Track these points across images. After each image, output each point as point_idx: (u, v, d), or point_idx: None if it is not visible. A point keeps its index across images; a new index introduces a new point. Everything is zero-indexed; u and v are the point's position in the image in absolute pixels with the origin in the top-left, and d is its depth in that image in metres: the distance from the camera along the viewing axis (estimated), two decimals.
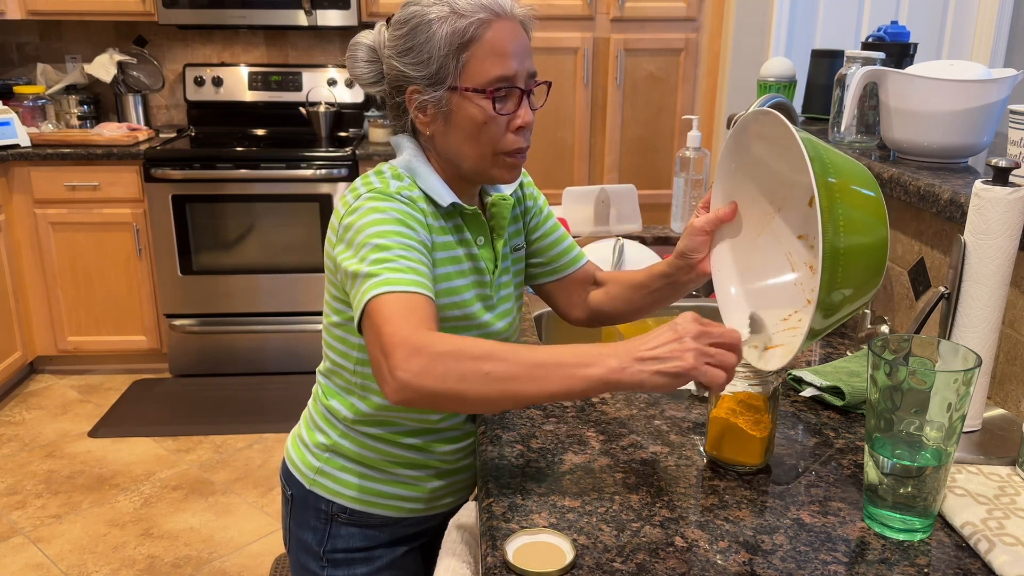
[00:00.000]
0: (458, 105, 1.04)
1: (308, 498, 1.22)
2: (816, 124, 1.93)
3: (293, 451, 1.25)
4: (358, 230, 1.01)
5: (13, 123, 3.24)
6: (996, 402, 1.17)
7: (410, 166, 1.10)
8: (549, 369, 0.88)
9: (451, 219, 1.12)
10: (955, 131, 1.37)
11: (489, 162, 1.08)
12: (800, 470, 1.00)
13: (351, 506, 1.20)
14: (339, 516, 1.21)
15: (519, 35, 1.05)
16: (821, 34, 3.35)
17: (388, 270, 0.95)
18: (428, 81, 1.04)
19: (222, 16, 3.38)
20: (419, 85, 1.05)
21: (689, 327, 0.89)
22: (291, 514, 1.25)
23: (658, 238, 2.04)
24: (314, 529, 1.22)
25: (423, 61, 1.04)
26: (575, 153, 3.48)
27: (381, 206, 1.02)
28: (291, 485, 1.24)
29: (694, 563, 0.82)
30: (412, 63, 1.05)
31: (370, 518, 1.21)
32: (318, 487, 1.21)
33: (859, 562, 0.83)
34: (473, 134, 1.06)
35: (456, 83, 1.03)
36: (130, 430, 3.06)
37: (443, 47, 1.02)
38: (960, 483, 0.95)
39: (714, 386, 0.87)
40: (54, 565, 2.32)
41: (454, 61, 1.02)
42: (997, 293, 0.98)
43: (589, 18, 3.34)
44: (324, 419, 1.21)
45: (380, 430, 1.17)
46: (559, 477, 0.98)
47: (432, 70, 1.03)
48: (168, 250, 3.34)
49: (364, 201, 1.04)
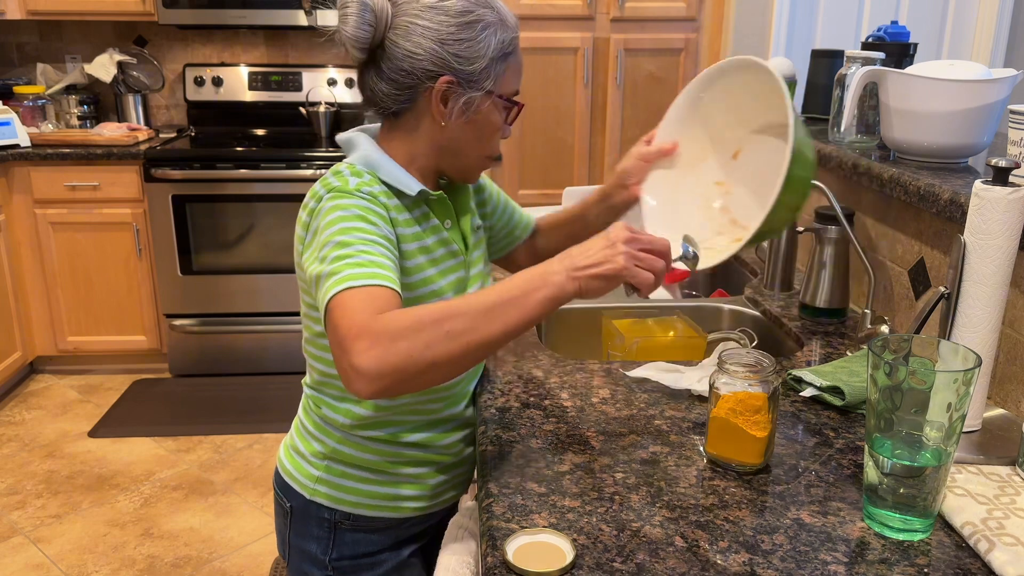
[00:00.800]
0: (488, 109, 1.09)
1: (309, 508, 1.20)
2: (816, 124, 1.93)
3: (288, 462, 1.23)
4: (318, 231, 1.00)
5: (13, 123, 3.24)
6: (996, 402, 1.17)
7: (368, 161, 1.09)
8: (504, 307, 0.91)
9: (416, 208, 1.12)
10: (955, 131, 1.37)
11: (479, 164, 1.14)
12: (800, 470, 1.00)
13: (354, 512, 1.19)
14: (343, 523, 1.20)
15: None
16: (821, 34, 3.35)
17: (347, 266, 0.94)
18: (467, 77, 1.05)
19: (222, 16, 3.38)
20: (456, 78, 1.05)
21: (620, 233, 0.96)
22: (291, 526, 1.23)
23: None
24: (317, 539, 1.20)
25: (471, 57, 1.05)
26: (575, 153, 3.48)
27: (341, 203, 1.01)
28: (289, 497, 1.22)
29: (694, 563, 0.82)
30: (457, 55, 1.04)
31: (374, 522, 1.20)
32: (319, 496, 1.19)
33: (859, 562, 0.83)
34: (484, 138, 1.11)
35: (494, 88, 1.08)
36: (130, 430, 3.06)
37: (493, 51, 1.06)
38: (960, 483, 0.95)
39: (643, 287, 0.95)
40: (54, 565, 2.32)
41: (496, 67, 1.07)
42: (997, 293, 0.98)
43: (589, 18, 3.34)
44: (319, 428, 1.19)
45: (381, 432, 1.16)
46: (559, 477, 0.98)
47: (476, 68, 1.05)
48: (168, 250, 3.34)
49: (324, 203, 1.02)
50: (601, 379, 1.26)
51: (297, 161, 3.26)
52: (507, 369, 1.29)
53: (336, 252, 0.96)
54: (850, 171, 1.51)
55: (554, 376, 1.26)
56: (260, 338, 3.47)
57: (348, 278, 0.93)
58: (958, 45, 3.36)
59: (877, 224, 1.51)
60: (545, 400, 1.18)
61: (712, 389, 1.00)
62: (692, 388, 1.19)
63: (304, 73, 3.73)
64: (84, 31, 3.72)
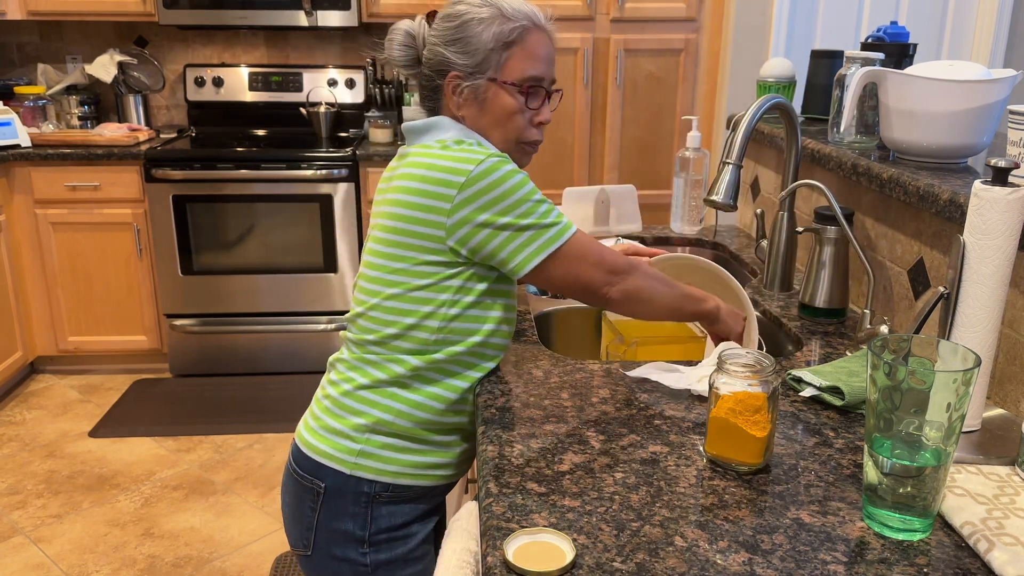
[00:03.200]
0: (494, 94, 1.22)
1: (348, 484, 1.24)
2: (816, 124, 1.93)
3: (323, 444, 1.26)
4: (507, 192, 1.15)
5: (14, 123, 3.24)
6: (996, 402, 1.17)
7: (468, 136, 1.23)
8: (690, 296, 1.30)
9: None
10: (955, 131, 1.37)
11: (512, 147, 1.26)
12: (800, 470, 1.00)
13: (394, 482, 1.25)
14: (381, 496, 1.25)
15: (550, 45, 1.25)
16: (821, 34, 3.35)
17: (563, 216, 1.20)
18: (470, 69, 1.21)
19: (222, 17, 3.38)
20: (461, 71, 1.21)
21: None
22: (322, 508, 1.26)
23: (658, 238, 2.04)
24: (354, 516, 1.25)
25: (468, 52, 1.21)
26: (575, 153, 3.48)
27: (512, 169, 1.17)
28: (324, 478, 1.25)
29: (694, 563, 0.82)
30: (458, 52, 1.21)
31: (408, 491, 1.26)
32: (361, 470, 1.23)
33: (859, 562, 0.83)
34: (501, 120, 1.23)
35: (496, 75, 1.21)
36: (130, 430, 3.06)
37: (489, 43, 1.20)
38: (960, 483, 0.95)
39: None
40: (54, 565, 2.32)
41: (496, 56, 1.20)
42: (997, 293, 0.98)
43: (589, 18, 3.34)
44: (361, 400, 1.24)
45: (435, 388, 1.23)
46: (559, 477, 0.98)
47: (476, 60, 1.20)
48: (168, 250, 3.34)
49: (495, 166, 1.15)
50: (601, 379, 1.26)
51: (297, 161, 3.26)
52: (507, 369, 1.29)
53: (543, 208, 1.18)
54: (850, 171, 1.51)
55: (554, 376, 1.26)
56: (260, 338, 3.47)
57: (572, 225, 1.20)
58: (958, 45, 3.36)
59: (877, 224, 1.51)
60: (545, 400, 1.18)
61: (712, 389, 1.01)
62: (692, 388, 1.20)
63: (304, 73, 3.73)
64: (84, 31, 3.72)
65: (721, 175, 1.44)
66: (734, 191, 1.43)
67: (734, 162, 1.43)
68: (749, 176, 2.14)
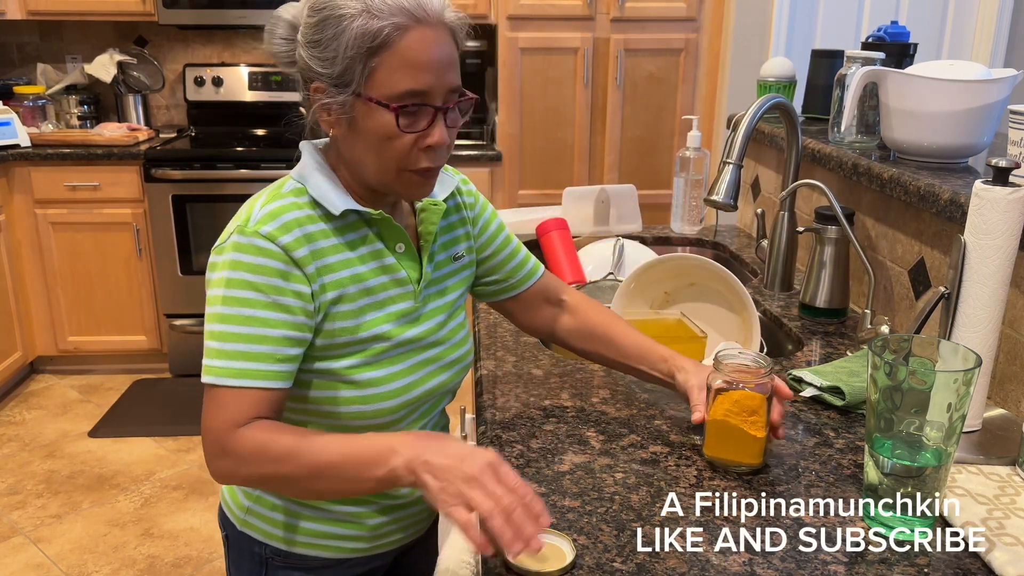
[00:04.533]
0: (363, 113, 0.93)
1: (241, 540, 1.11)
2: (816, 124, 1.93)
3: (225, 489, 1.15)
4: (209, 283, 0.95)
5: (13, 123, 3.24)
6: (996, 402, 1.17)
7: (302, 175, 1.00)
8: (342, 470, 0.89)
9: (355, 229, 1.00)
10: (955, 131, 1.37)
11: (393, 177, 0.97)
12: (800, 470, 1.00)
13: (285, 548, 1.08)
14: (274, 559, 1.10)
15: (442, 45, 0.93)
16: (821, 34, 3.34)
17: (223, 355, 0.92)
18: (332, 81, 0.93)
19: (222, 16, 3.38)
20: (323, 83, 0.94)
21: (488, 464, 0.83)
22: (228, 556, 1.16)
23: (658, 238, 2.04)
24: (249, 573, 1.12)
25: (329, 59, 0.92)
26: (575, 153, 3.48)
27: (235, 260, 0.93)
28: (225, 526, 1.14)
29: (694, 563, 0.82)
30: (318, 57, 0.93)
31: (308, 560, 1.09)
32: (249, 528, 1.10)
33: (859, 562, 0.83)
34: (376, 146, 0.95)
35: (361, 90, 0.92)
36: (130, 430, 3.06)
37: (350, 48, 0.90)
38: (960, 483, 0.95)
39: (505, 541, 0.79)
40: (54, 565, 2.32)
41: (360, 65, 0.91)
42: (997, 293, 0.98)
43: (589, 18, 3.33)
44: None
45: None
46: (559, 477, 0.98)
47: (337, 70, 0.92)
48: (168, 250, 3.34)
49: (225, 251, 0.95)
50: (601, 379, 1.26)
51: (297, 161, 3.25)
52: (507, 369, 1.29)
53: (217, 327, 0.92)
54: (850, 171, 1.51)
55: (554, 376, 1.26)
56: None
57: (224, 373, 0.91)
58: (958, 45, 3.35)
59: (877, 224, 1.51)
60: (545, 400, 1.18)
61: (708, 390, 1.00)
62: None
63: None
64: (84, 31, 3.72)
65: (721, 175, 1.44)
66: (734, 191, 1.43)
67: (734, 162, 1.43)
68: (749, 176, 2.14)
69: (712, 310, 1.51)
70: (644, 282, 1.52)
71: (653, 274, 1.51)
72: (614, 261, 1.78)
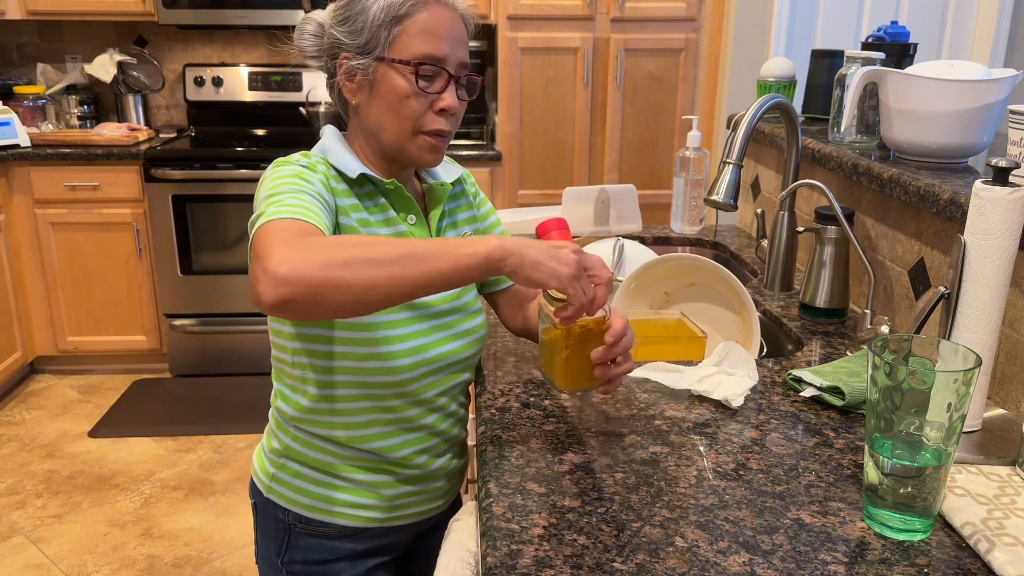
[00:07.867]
0: (383, 75, 1.07)
1: (268, 507, 1.18)
2: (816, 124, 1.93)
3: (255, 458, 1.24)
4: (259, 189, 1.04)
5: (13, 123, 3.24)
6: (996, 402, 1.17)
7: (323, 147, 1.12)
8: (435, 248, 0.89)
9: (371, 197, 1.12)
10: (955, 131, 1.37)
11: (408, 138, 1.08)
12: (800, 470, 1.00)
13: (307, 515, 1.16)
14: (296, 526, 1.17)
15: (455, 24, 1.08)
16: (821, 34, 3.34)
17: (274, 204, 0.95)
18: (359, 49, 1.07)
19: (222, 16, 3.38)
20: (350, 52, 1.08)
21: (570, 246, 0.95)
22: (256, 523, 1.22)
23: (658, 238, 2.04)
24: (274, 539, 1.18)
25: (357, 30, 1.07)
26: (575, 153, 3.48)
27: (279, 171, 1.05)
28: (254, 494, 1.22)
29: (694, 563, 0.82)
30: (347, 31, 1.08)
31: (327, 528, 1.16)
32: (274, 495, 1.18)
33: (859, 562, 0.83)
34: (394, 106, 1.07)
35: (384, 54, 1.06)
36: (130, 430, 3.06)
37: (376, 19, 1.05)
38: (960, 483, 0.95)
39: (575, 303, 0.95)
40: (54, 565, 2.32)
41: (385, 32, 1.05)
42: (997, 293, 0.98)
43: (589, 18, 3.34)
44: (276, 423, 1.19)
45: (325, 430, 1.13)
46: (559, 477, 0.98)
47: (364, 39, 1.07)
48: (168, 250, 3.34)
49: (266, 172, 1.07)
50: None
51: None
52: (507, 369, 1.29)
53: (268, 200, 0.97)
54: (850, 171, 1.51)
55: None
56: (260, 338, 3.47)
57: (271, 214, 0.93)
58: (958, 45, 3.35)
59: (877, 224, 1.51)
60: (545, 400, 1.18)
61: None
62: (692, 388, 1.19)
63: (304, 73, 3.73)
64: (84, 31, 3.72)
65: (721, 175, 1.44)
66: (734, 191, 1.43)
67: (734, 162, 1.43)
68: (749, 176, 2.14)
69: (712, 310, 1.51)
70: (644, 282, 1.52)
71: (653, 274, 1.51)
72: (614, 261, 1.78)
